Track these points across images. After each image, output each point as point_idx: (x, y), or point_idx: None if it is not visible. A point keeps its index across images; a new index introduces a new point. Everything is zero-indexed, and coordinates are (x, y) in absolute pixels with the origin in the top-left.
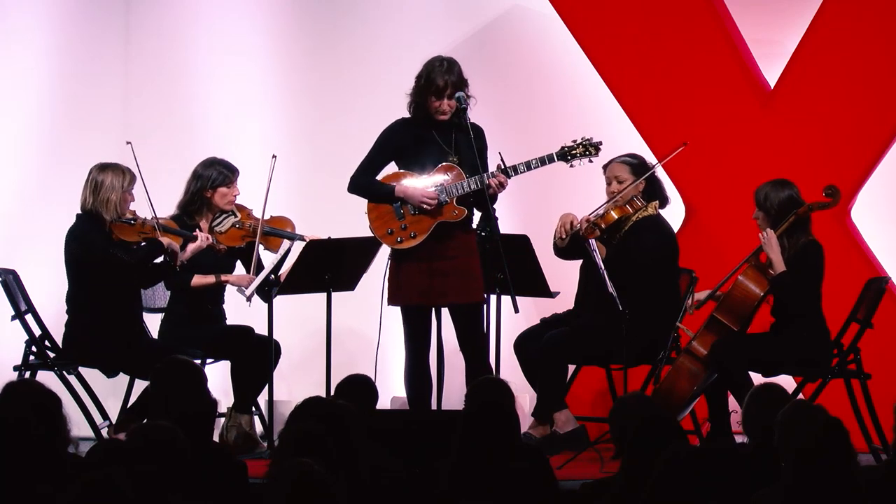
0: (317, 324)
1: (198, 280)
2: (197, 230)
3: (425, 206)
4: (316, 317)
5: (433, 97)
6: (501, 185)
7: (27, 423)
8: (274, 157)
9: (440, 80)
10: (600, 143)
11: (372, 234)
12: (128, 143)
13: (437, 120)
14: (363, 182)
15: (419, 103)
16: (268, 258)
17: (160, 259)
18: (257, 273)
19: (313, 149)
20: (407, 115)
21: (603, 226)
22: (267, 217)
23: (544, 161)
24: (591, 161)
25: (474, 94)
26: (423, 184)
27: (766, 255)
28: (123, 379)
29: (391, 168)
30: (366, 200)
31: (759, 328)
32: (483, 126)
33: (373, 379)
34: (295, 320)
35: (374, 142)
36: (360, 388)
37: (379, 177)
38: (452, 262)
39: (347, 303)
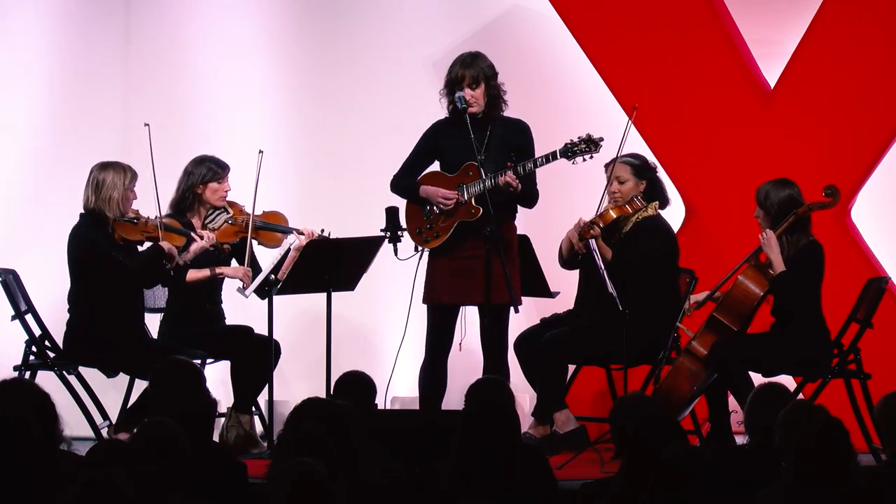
0: (317, 323)
1: (192, 275)
2: (201, 230)
3: (441, 205)
4: (316, 316)
5: (456, 89)
6: (509, 184)
7: (27, 424)
8: (261, 151)
9: (457, 72)
10: (601, 139)
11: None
12: (146, 124)
13: (471, 115)
14: (400, 182)
15: (450, 99)
16: (261, 252)
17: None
18: (251, 266)
19: (314, 148)
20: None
21: (602, 224)
22: (259, 212)
23: (548, 158)
24: (592, 157)
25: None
26: (449, 183)
27: (765, 255)
28: (123, 379)
29: (435, 168)
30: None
31: (759, 328)
32: None
33: (387, 377)
34: (295, 320)
35: (416, 142)
36: (358, 384)
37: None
38: (476, 262)
39: (348, 302)
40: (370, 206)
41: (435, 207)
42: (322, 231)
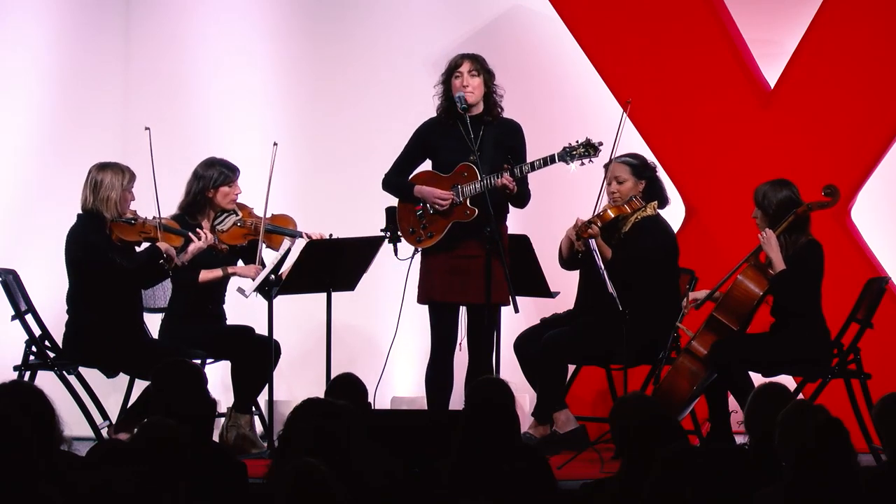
0: (317, 323)
1: (205, 275)
2: (199, 230)
3: (437, 206)
4: (316, 316)
5: (453, 78)
6: (506, 186)
7: (25, 425)
8: (275, 144)
9: (457, 59)
10: (600, 143)
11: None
12: (146, 128)
13: (468, 114)
14: (392, 180)
15: (446, 95)
16: (270, 256)
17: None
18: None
19: (314, 148)
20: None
21: (600, 224)
22: (268, 215)
23: (546, 161)
24: (591, 161)
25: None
26: (444, 183)
27: (765, 255)
28: (123, 379)
29: (426, 166)
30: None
31: (759, 328)
32: None
33: (379, 376)
34: (295, 320)
35: (407, 140)
36: (349, 386)
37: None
38: (473, 262)
39: (348, 302)
40: (370, 205)
41: (429, 207)
42: (330, 235)
